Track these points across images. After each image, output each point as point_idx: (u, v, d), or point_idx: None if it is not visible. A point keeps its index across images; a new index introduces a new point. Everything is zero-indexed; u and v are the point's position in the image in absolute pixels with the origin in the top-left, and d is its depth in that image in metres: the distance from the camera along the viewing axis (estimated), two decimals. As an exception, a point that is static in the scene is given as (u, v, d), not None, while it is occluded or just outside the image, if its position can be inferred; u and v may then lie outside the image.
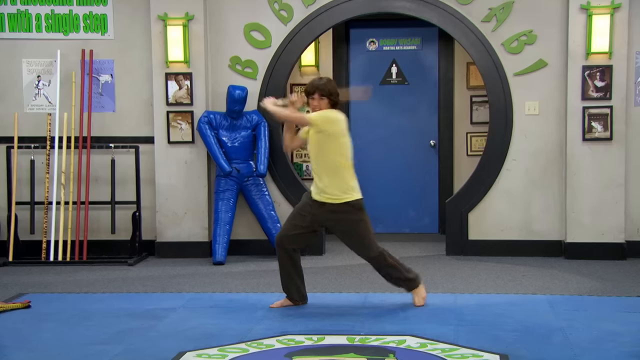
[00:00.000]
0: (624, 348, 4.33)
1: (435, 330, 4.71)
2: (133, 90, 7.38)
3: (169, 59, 7.15)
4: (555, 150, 7.12)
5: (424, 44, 8.64)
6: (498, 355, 4.21)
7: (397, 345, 4.43)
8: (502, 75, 7.09)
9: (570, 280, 6.20)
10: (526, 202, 7.18)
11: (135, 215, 7.26)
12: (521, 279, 6.25)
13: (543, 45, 7.05)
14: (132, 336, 4.67)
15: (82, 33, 7.34)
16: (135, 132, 7.38)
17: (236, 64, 7.30)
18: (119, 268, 6.89)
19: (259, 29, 7.28)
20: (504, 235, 7.23)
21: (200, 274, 6.61)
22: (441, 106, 8.63)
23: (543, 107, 7.11)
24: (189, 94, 7.21)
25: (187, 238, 7.31)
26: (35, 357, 4.31)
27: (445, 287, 5.98)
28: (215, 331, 4.76)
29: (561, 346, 4.38)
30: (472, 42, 7.12)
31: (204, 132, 7.08)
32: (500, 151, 7.17)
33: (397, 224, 8.84)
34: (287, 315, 5.18)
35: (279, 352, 4.33)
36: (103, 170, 7.35)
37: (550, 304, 5.37)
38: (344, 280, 6.31)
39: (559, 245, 7.14)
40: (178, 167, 7.28)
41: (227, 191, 7.12)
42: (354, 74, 8.78)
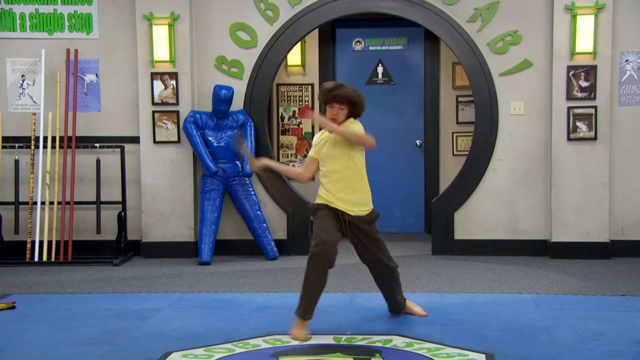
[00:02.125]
0: (608, 347, 4.36)
1: (421, 330, 4.72)
2: (118, 90, 7.35)
3: (155, 58, 7.13)
4: (540, 150, 7.15)
5: (410, 43, 8.65)
6: (484, 355, 4.22)
7: (383, 345, 4.44)
8: (487, 75, 7.11)
9: (555, 279, 6.22)
10: (512, 201, 7.21)
11: (120, 215, 7.23)
12: (507, 279, 6.27)
13: (528, 46, 7.08)
14: (117, 336, 4.65)
15: (66, 32, 7.31)
16: (121, 131, 7.35)
17: (222, 63, 7.28)
18: (104, 268, 6.86)
19: (245, 29, 7.27)
20: (490, 234, 7.25)
21: (186, 274, 6.60)
22: (427, 106, 8.65)
23: (528, 107, 7.14)
24: (174, 94, 7.19)
25: (173, 238, 7.29)
26: (20, 358, 4.29)
27: (431, 287, 5.99)
28: (201, 331, 4.75)
29: (546, 345, 4.41)
30: (457, 42, 7.13)
31: (190, 131, 7.06)
32: (486, 151, 7.20)
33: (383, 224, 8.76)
34: (274, 315, 5.18)
35: (265, 352, 4.33)
36: (88, 170, 7.31)
37: (536, 303, 5.40)
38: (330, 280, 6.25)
39: (544, 244, 7.17)
40: (164, 167, 7.26)
41: (213, 191, 7.11)
42: (340, 74, 8.78)
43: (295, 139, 8.82)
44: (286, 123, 8.82)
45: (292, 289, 5.99)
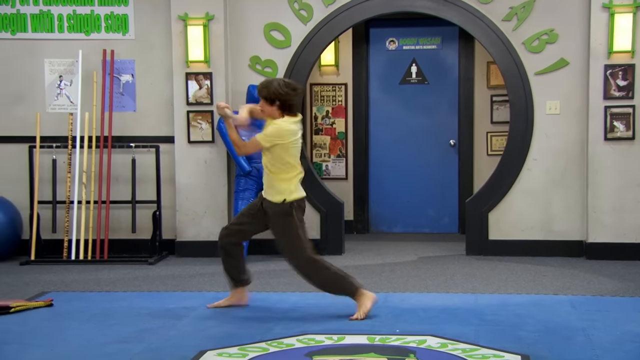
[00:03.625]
0: (646, 349, 4.30)
1: (455, 331, 4.69)
2: (153, 90, 7.41)
3: (189, 58, 7.18)
4: (576, 150, 7.07)
5: (444, 43, 8.61)
6: (519, 356, 4.18)
7: (417, 345, 4.42)
8: (522, 75, 7.05)
9: (592, 280, 6.15)
10: (547, 201, 7.14)
11: (155, 215, 7.30)
12: (542, 279, 6.21)
13: (564, 44, 7.00)
14: (153, 335, 4.69)
15: (103, 33, 7.39)
16: (156, 131, 7.41)
17: (256, 63, 7.31)
18: (139, 267, 6.93)
19: (279, 29, 7.29)
20: (525, 235, 7.19)
21: (220, 273, 6.55)
22: (461, 105, 8.61)
23: (564, 106, 7.07)
24: (209, 94, 7.23)
25: (207, 237, 7.33)
26: (57, 355, 4.34)
27: (466, 287, 5.95)
28: (235, 330, 4.77)
29: (583, 347, 4.35)
30: (492, 41, 7.08)
31: (224, 131, 7.10)
32: (521, 151, 7.14)
33: (417, 224, 8.83)
34: (307, 314, 5.18)
35: (299, 352, 4.34)
36: (124, 170, 7.38)
37: (572, 304, 5.34)
38: (363, 280, 6.26)
39: (580, 245, 7.09)
40: (198, 167, 7.31)
41: (246, 190, 7.14)
42: (374, 74, 8.77)
43: (328, 138, 8.83)
44: (319, 123, 8.83)
45: (325, 288, 5.99)
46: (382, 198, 8.84)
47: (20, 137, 7.42)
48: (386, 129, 8.76)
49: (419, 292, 5.82)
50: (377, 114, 8.79)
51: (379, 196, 8.85)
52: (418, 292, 5.84)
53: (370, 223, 8.91)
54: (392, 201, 8.78)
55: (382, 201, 8.82)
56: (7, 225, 7.19)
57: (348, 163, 8.80)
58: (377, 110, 8.79)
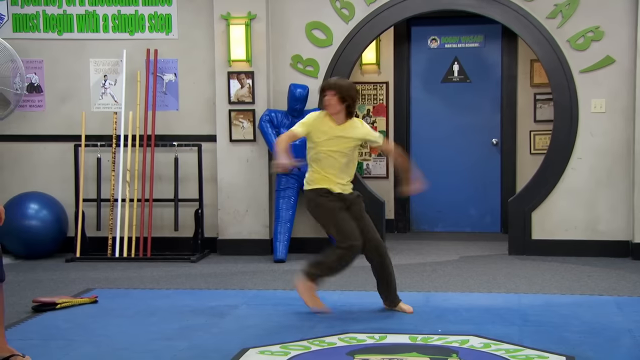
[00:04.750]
0: (695, 352, 4.22)
1: (499, 331, 4.65)
2: (196, 89, 7.47)
3: (232, 57, 7.22)
4: (622, 149, 6.96)
5: (487, 41, 8.54)
6: (564, 357, 4.14)
7: (460, 345, 4.39)
8: (567, 73, 6.96)
9: (638, 281, 6.05)
10: (592, 201, 7.04)
11: (197, 213, 7.35)
12: (587, 280, 6.13)
13: (610, 42, 6.90)
14: (196, 332, 4.73)
15: (147, 33, 7.46)
16: (198, 130, 7.47)
17: (297, 62, 7.33)
18: (182, 265, 6.99)
19: (321, 28, 7.29)
20: (569, 235, 7.10)
21: (262, 271, 6.66)
22: (504, 104, 8.52)
23: (609, 104, 6.96)
24: (250, 93, 7.26)
25: (248, 236, 7.37)
26: (102, 351, 4.40)
27: (508, 287, 5.90)
28: (277, 328, 4.79)
29: (629, 348, 4.29)
30: (536, 38, 7.00)
31: (266, 130, 7.13)
32: (565, 149, 7.05)
33: (459, 223, 8.76)
34: (349, 313, 5.18)
35: (340, 350, 4.34)
36: (167, 168, 7.46)
37: (618, 305, 5.26)
38: (405, 279, 6.27)
39: (626, 245, 6.98)
40: (239, 165, 7.34)
41: (288, 189, 7.16)
42: (415, 72, 8.73)
43: (369, 137, 8.79)
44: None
45: (367, 287, 5.98)
46: (423, 197, 8.74)
47: (66, 135, 7.53)
48: (427, 128, 8.71)
49: (461, 292, 5.78)
50: (418, 113, 8.75)
51: (420, 195, 8.72)
52: (460, 291, 5.81)
53: (412, 222, 8.87)
54: (433, 200, 8.73)
55: (423, 200, 8.76)
56: (53, 223, 7.31)
57: (389, 162, 8.77)
58: (418, 109, 8.75)
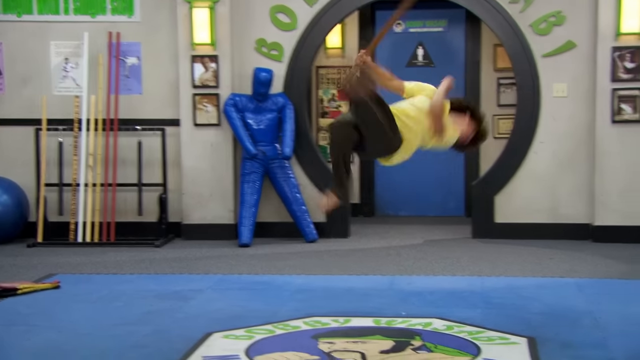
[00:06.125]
0: (653, 331, 4.31)
1: (462, 313, 4.69)
2: (159, 73, 7.40)
3: (195, 41, 7.15)
4: (583, 133, 7.05)
5: (451, 25, 8.57)
6: (526, 338, 4.19)
7: (423, 328, 4.43)
8: (530, 57, 7.02)
9: (599, 263, 6.15)
10: (554, 185, 7.12)
11: (161, 197, 7.31)
12: (548, 262, 6.21)
13: (572, 27, 6.96)
14: (160, 317, 4.70)
15: (109, 15, 7.37)
16: (162, 114, 7.41)
17: (262, 46, 7.29)
18: (146, 249, 6.94)
19: (285, 11, 7.26)
20: (531, 218, 7.18)
21: (227, 255, 6.65)
22: (467, 88, 8.57)
23: (571, 89, 7.03)
24: (215, 77, 7.21)
25: (213, 220, 7.34)
26: (65, 337, 4.36)
27: (472, 270, 5.95)
28: (242, 312, 4.78)
29: (590, 329, 4.36)
30: (499, 23, 7.04)
31: (230, 114, 7.09)
32: (528, 134, 7.11)
33: (423, 207, 8.82)
34: (314, 297, 5.20)
35: (305, 334, 4.35)
36: (130, 153, 7.39)
37: (579, 287, 5.34)
38: (369, 263, 6.31)
39: (587, 228, 7.08)
40: (204, 150, 7.30)
41: (252, 173, 7.14)
42: (380, 56, 8.71)
43: (334, 121, 8.79)
44: (325, 106, 8.81)
45: (331, 271, 6.01)
46: (388, 181, 8.82)
47: (26, 119, 7.42)
48: (392, 112, 8.72)
49: (425, 275, 5.82)
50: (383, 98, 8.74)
51: (385, 180, 8.83)
52: (424, 275, 5.85)
53: (377, 206, 8.91)
54: (398, 185, 8.77)
55: (388, 185, 8.80)
56: (14, 208, 7.21)
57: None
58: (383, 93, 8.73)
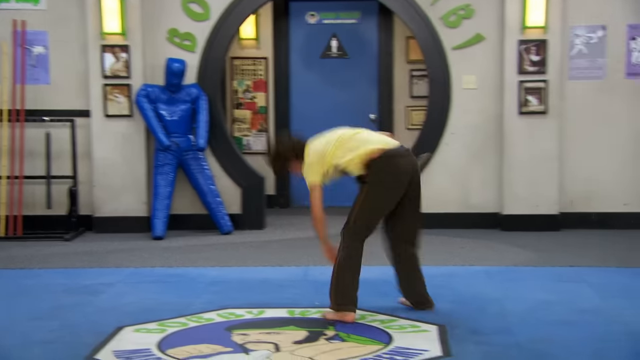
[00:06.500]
0: (555, 316, 4.46)
1: (374, 302, 4.76)
2: (68, 63, 7.21)
3: (105, 30, 7.00)
4: (492, 124, 7.22)
5: (364, 17, 8.64)
6: (436, 326, 4.29)
7: (336, 317, 4.46)
8: (440, 49, 7.14)
9: (506, 251, 6.32)
10: (464, 175, 7.28)
11: (71, 190, 7.14)
12: (459, 251, 6.35)
13: (480, 20, 7.11)
14: (69, 312, 4.61)
15: (13, 3, 7.13)
16: (71, 105, 7.23)
17: (174, 36, 7.19)
18: (55, 243, 6.78)
19: (197, 1, 7.18)
20: (443, 208, 7.31)
21: (140, 248, 6.55)
22: (381, 80, 8.66)
23: (481, 81, 7.19)
24: (126, 67, 7.08)
25: (126, 213, 7.22)
26: (-31, 334, 4.23)
27: (385, 260, 5.98)
28: (154, 306, 4.73)
29: (496, 316, 4.48)
30: (411, 16, 7.14)
31: (142, 105, 6.98)
32: (439, 125, 7.24)
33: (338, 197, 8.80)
34: (228, 289, 5.18)
35: (219, 326, 4.33)
36: (38, 144, 7.18)
37: (487, 275, 5.48)
38: (284, 254, 6.32)
39: (496, 217, 7.27)
40: (116, 141, 7.17)
41: (166, 165, 7.05)
42: (294, 48, 8.74)
43: (249, 113, 8.77)
44: (240, 97, 8.76)
45: (246, 263, 6.00)
46: (303, 172, 8.84)
47: None
48: (307, 104, 8.75)
49: (339, 265, 5.85)
50: (298, 88, 8.77)
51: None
52: (338, 265, 5.88)
53: (292, 197, 8.92)
54: (313, 175, 8.79)
55: (303, 175, 8.82)
56: None
57: (269, 137, 8.77)
58: (298, 84, 8.78)
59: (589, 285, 5.14)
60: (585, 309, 4.60)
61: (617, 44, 7.07)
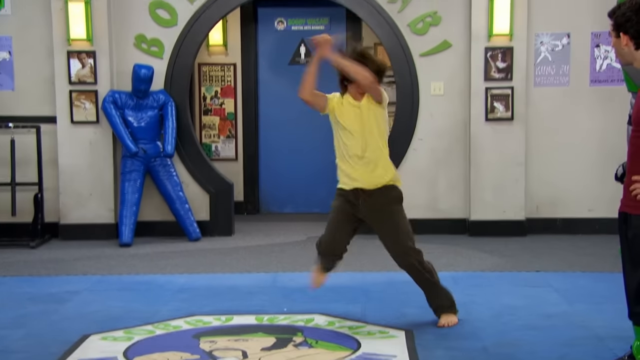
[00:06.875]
0: (522, 321, 4.50)
1: (343, 308, 4.77)
2: (33, 69, 7.14)
3: (71, 36, 6.94)
4: (460, 130, 7.28)
5: (332, 23, 8.66)
6: (403, 331, 4.31)
7: (305, 324, 4.47)
8: (408, 56, 7.18)
9: (473, 256, 6.37)
10: (432, 181, 7.32)
11: (37, 197, 7.06)
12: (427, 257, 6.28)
13: (447, 27, 7.17)
14: (34, 320, 4.55)
15: (-23, 8, 7.06)
16: (37, 111, 7.15)
17: (141, 42, 7.15)
18: (20, 251, 6.69)
19: (165, 7, 7.15)
20: (411, 214, 7.14)
21: (106, 256, 6.50)
22: (349, 86, 8.67)
23: (448, 87, 7.25)
24: (92, 73, 7.03)
25: (93, 220, 7.16)
26: None
27: (354, 266, 6.04)
28: (121, 313, 4.69)
29: (463, 321, 4.51)
30: (378, 22, 7.18)
31: (109, 111, 6.93)
32: (407, 131, 7.28)
33: (307, 204, 8.87)
34: (196, 296, 5.15)
35: (186, 333, 4.31)
36: (2, 151, 7.09)
37: (455, 280, 5.50)
38: (253, 260, 6.31)
39: (464, 223, 7.32)
40: (82, 148, 7.10)
41: (133, 172, 7.00)
42: (263, 54, 8.73)
43: (217, 119, 8.75)
44: (208, 103, 8.73)
45: (214, 269, 5.97)
46: (272, 179, 8.84)
47: None
48: (276, 110, 8.75)
49: (307, 272, 5.82)
50: (266, 95, 8.77)
51: (269, 177, 8.85)
52: (307, 271, 5.85)
53: (261, 204, 8.91)
54: (282, 182, 8.80)
55: (272, 182, 8.82)
56: None
57: (238, 144, 8.75)
58: (266, 90, 8.77)
59: (555, 290, 5.20)
60: (551, 313, 4.65)
61: (582, 52, 7.17)
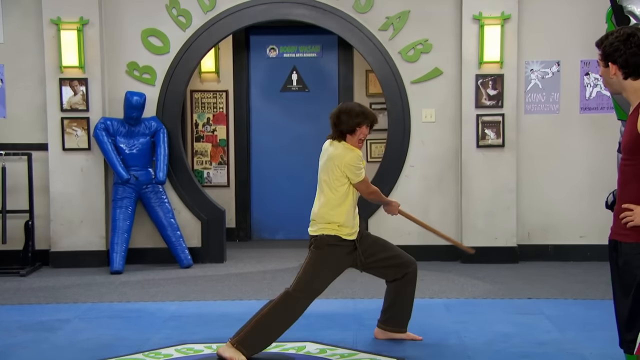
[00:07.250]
0: (514, 349, 4.49)
1: (335, 336, 4.75)
2: (25, 96, 7.15)
3: (63, 64, 6.96)
4: (451, 157, 7.30)
5: (324, 51, 8.72)
6: (395, 359, 4.28)
7: (296, 352, 4.45)
8: (399, 83, 7.22)
9: (465, 284, 6.36)
10: (424, 207, 7.32)
11: (27, 224, 7.03)
12: (420, 283, 6.28)
13: (438, 54, 7.22)
14: (23, 349, 4.52)
15: (-31, 36, 7.08)
16: (28, 138, 7.15)
17: (134, 69, 7.18)
18: (10, 279, 6.65)
19: (157, 35, 7.18)
20: (403, 240, 7.32)
21: (97, 283, 6.46)
22: (341, 113, 8.69)
23: (439, 114, 7.28)
24: (84, 100, 7.04)
25: (84, 247, 7.13)
26: None
27: (345, 293, 6.03)
28: (112, 341, 4.66)
29: (456, 348, 4.50)
30: (370, 50, 7.22)
31: (101, 138, 6.93)
32: (399, 158, 7.30)
33: (299, 231, 8.82)
34: (187, 324, 5.12)
35: (177, 362, 4.28)
36: (-7, 178, 7.09)
37: (447, 307, 5.51)
38: (245, 287, 6.28)
39: (455, 249, 7.30)
40: (74, 175, 7.10)
41: (125, 199, 6.99)
42: (255, 81, 8.77)
43: (209, 146, 8.76)
44: (200, 130, 8.75)
45: (206, 297, 5.94)
46: (264, 205, 8.84)
47: None
48: (268, 137, 8.77)
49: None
50: (258, 122, 8.79)
51: (261, 203, 8.85)
52: (298, 298, 5.86)
53: (253, 230, 8.90)
54: (274, 208, 8.80)
55: (264, 208, 8.82)
56: None
57: (230, 170, 8.76)
58: (258, 117, 8.80)
59: (547, 317, 5.19)
60: (543, 341, 4.64)
61: (572, 79, 7.22)
